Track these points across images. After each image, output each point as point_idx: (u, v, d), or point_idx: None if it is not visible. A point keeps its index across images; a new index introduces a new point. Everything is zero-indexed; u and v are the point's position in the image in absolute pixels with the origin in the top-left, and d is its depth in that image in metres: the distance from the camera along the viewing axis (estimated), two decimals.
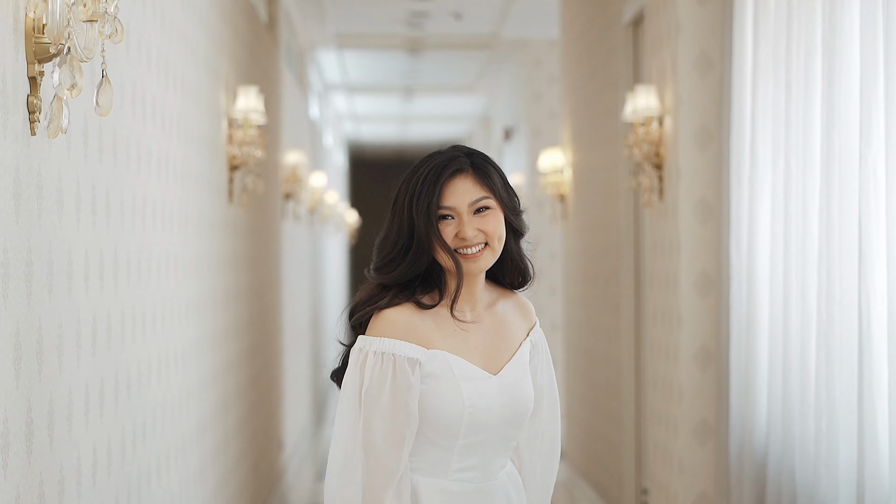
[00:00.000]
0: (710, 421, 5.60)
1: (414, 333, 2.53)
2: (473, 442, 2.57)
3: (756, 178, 5.01)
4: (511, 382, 2.63)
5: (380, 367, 2.49)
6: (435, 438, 2.55)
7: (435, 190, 2.53)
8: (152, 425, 4.10)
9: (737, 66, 5.21)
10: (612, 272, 7.45)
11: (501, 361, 2.65)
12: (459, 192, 2.55)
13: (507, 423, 2.61)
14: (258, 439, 7.41)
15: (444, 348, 2.56)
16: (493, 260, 2.60)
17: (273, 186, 8.47)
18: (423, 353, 2.53)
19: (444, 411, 2.53)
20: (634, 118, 5.99)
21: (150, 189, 4.05)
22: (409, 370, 2.50)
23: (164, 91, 4.33)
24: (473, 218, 2.56)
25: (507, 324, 2.71)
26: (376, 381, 2.49)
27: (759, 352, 5.00)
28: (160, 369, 4.23)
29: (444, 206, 2.55)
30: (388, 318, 2.54)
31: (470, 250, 2.56)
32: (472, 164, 2.59)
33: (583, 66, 8.42)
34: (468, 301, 2.63)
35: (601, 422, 7.90)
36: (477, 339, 2.63)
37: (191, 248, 4.85)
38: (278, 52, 9.10)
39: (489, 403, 2.57)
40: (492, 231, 2.57)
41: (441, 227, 2.56)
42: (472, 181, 2.57)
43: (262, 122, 6.01)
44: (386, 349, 2.50)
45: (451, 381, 2.54)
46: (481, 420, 2.56)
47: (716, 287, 5.56)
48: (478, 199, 2.56)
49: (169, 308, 4.42)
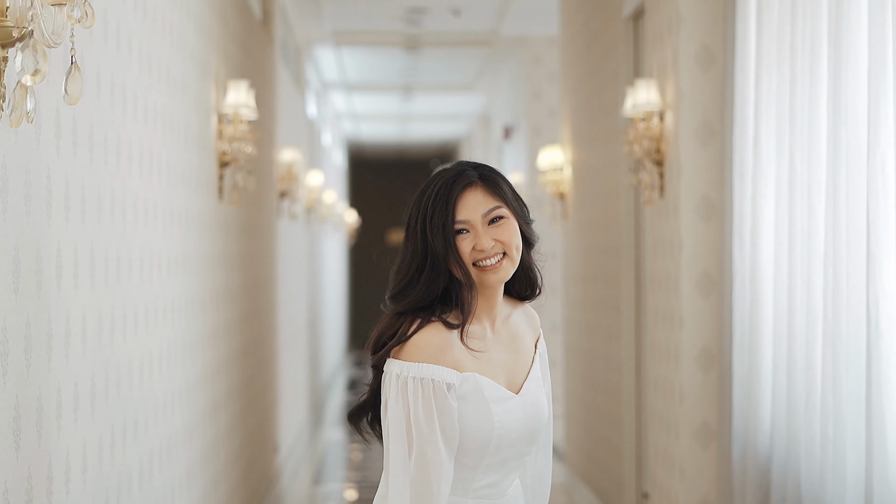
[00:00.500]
0: (712, 424, 5.46)
1: (447, 356, 2.51)
2: (497, 461, 2.57)
3: (759, 174, 4.88)
4: (531, 400, 2.63)
5: (421, 393, 2.47)
6: (462, 459, 2.53)
7: (448, 206, 2.52)
8: (133, 428, 3.95)
9: (739, 60, 5.08)
10: (612, 271, 7.32)
11: (520, 378, 2.64)
12: (472, 205, 2.54)
13: (527, 440, 2.62)
14: (251, 442, 7.27)
15: (473, 369, 2.54)
16: (512, 269, 2.59)
17: (267, 184, 8.33)
18: (457, 376, 2.51)
19: (474, 434, 2.52)
20: (635, 113, 5.86)
21: (131, 184, 3.90)
22: (447, 393, 2.48)
23: (147, 83, 4.19)
24: (489, 229, 2.55)
25: (521, 337, 2.70)
26: (423, 409, 2.47)
27: (763, 353, 4.88)
28: (143, 370, 4.09)
29: (459, 221, 2.54)
30: (420, 341, 2.50)
31: (489, 261, 2.54)
32: (481, 175, 2.57)
33: (583, 63, 8.29)
34: (488, 316, 2.61)
35: (601, 424, 7.77)
36: (499, 357, 2.61)
37: (177, 246, 4.71)
38: (273, 48, 8.97)
39: (514, 423, 2.57)
40: (508, 240, 2.56)
41: (458, 243, 2.54)
42: (483, 192, 2.55)
43: (253, 117, 5.86)
44: (425, 375, 2.48)
45: (480, 403, 2.53)
46: (507, 439, 2.56)
47: (718, 287, 5.43)
48: (491, 209, 2.55)
49: (154, 307, 4.28)
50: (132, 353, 3.93)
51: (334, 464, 10.77)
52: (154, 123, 4.28)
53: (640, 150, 5.84)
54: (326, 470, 10.36)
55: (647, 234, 6.49)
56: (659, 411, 5.99)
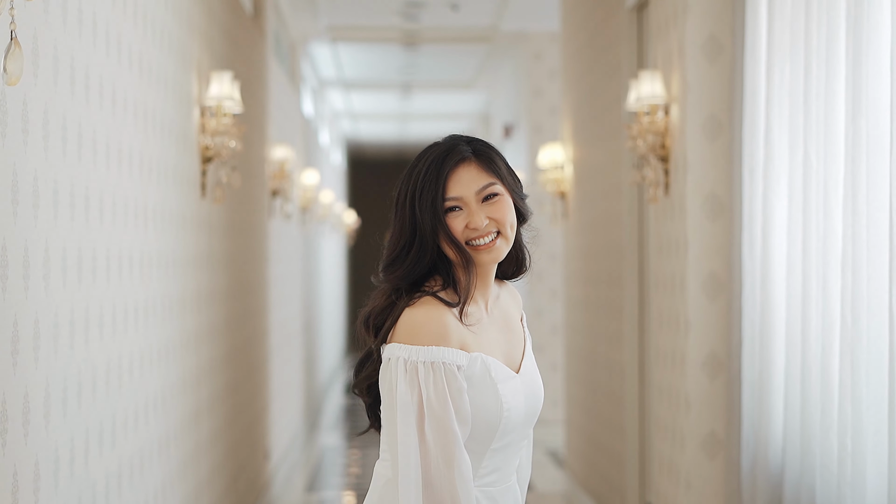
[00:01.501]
0: (719, 433, 5.19)
1: (453, 336, 2.40)
2: (503, 445, 2.47)
3: (771, 170, 4.61)
4: (530, 379, 2.54)
5: (433, 378, 2.36)
6: (469, 445, 2.42)
7: (439, 182, 2.42)
8: (98, 441, 3.67)
9: (749, 49, 4.81)
10: (614, 273, 7.04)
11: (518, 357, 2.55)
12: (465, 181, 2.43)
13: (528, 421, 2.53)
14: (239, 449, 6.99)
15: (477, 349, 2.44)
16: (507, 249, 2.49)
17: (258, 182, 8.06)
18: (466, 356, 2.41)
19: (484, 416, 2.42)
20: (638, 107, 5.58)
21: (95, 177, 3.62)
22: (459, 377, 2.38)
23: (116, 70, 3.90)
24: (482, 206, 2.44)
25: (511, 316, 2.61)
26: (438, 394, 2.35)
27: (774, 360, 4.61)
28: (110, 378, 3.81)
29: (451, 198, 2.43)
30: (425, 322, 2.39)
31: (482, 240, 2.44)
32: (475, 150, 2.47)
33: (584, 57, 8.01)
34: (483, 296, 2.52)
35: (602, 431, 7.49)
36: (496, 337, 2.52)
37: (151, 245, 4.43)
38: (265, 42, 8.70)
39: (519, 403, 2.47)
40: (502, 218, 2.45)
41: (449, 221, 2.43)
42: (477, 168, 2.45)
43: (238, 110, 5.58)
44: (435, 358, 2.37)
45: (488, 384, 2.42)
46: (513, 421, 2.46)
47: (726, 289, 5.16)
48: (485, 185, 2.44)
49: (123, 310, 4.00)
50: (97, 360, 3.65)
51: (330, 470, 10.49)
52: (124, 114, 4.00)
53: (644, 145, 5.56)
54: (322, 476, 10.07)
55: (651, 234, 6.22)
56: (663, 419, 5.71)
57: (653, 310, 6.04)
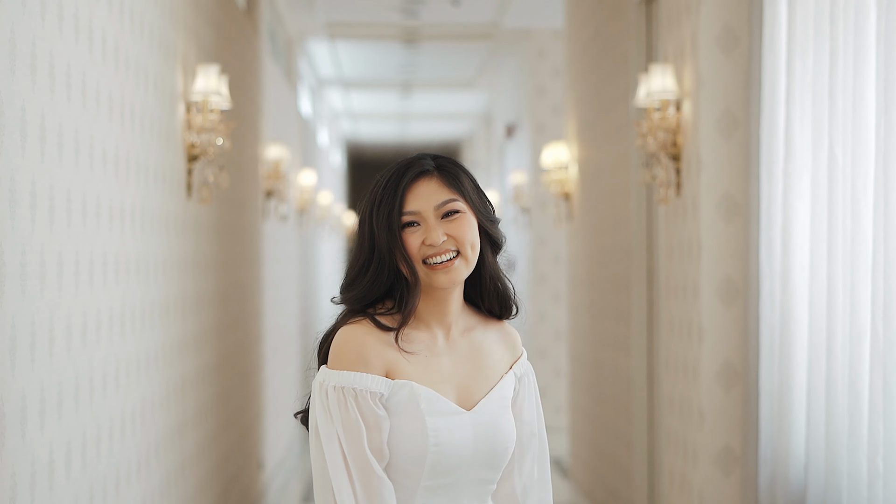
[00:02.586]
0: (735, 448, 4.90)
1: (376, 361, 2.27)
2: (440, 484, 2.30)
3: (792, 168, 4.32)
4: (487, 420, 2.34)
5: (346, 404, 2.24)
6: (397, 478, 2.28)
7: (396, 195, 2.29)
8: (65, 462, 3.37)
9: (768, 39, 4.52)
10: (621, 277, 6.74)
11: (478, 395, 2.36)
12: (424, 195, 2.30)
13: (482, 464, 2.33)
14: (230, 460, 6.70)
15: (411, 377, 2.29)
16: (466, 271, 2.32)
17: (251, 183, 7.77)
18: (387, 384, 2.27)
19: (405, 449, 2.26)
20: (648, 102, 5.28)
21: (61, 176, 3.32)
22: (373, 405, 2.25)
23: (87, 59, 3.61)
24: (441, 223, 2.30)
25: (487, 353, 2.41)
26: (350, 422, 2.24)
27: (796, 371, 4.32)
28: (79, 394, 3.51)
29: (408, 212, 2.30)
30: (343, 344, 2.27)
31: (439, 258, 2.29)
32: (438, 166, 2.35)
33: (590, 52, 7.72)
34: (440, 323, 2.36)
35: (609, 441, 7.19)
36: (450, 369, 2.35)
37: (130, 248, 4.14)
38: (258, 38, 8.40)
39: (460, 441, 2.29)
40: (462, 236, 2.30)
41: (406, 236, 2.29)
42: (438, 183, 2.32)
43: (226, 106, 5.28)
44: (346, 383, 2.25)
45: (415, 414, 2.27)
46: (449, 460, 2.28)
47: (742, 295, 4.86)
48: (445, 201, 2.30)
49: (96, 318, 3.70)
50: (65, 374, 3.35)
51: None
52: (96, 107, 3.71)
53: (654, 143, 5.27)
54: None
55: (661, 236, 5.92)
56: (674, 432, 5.42)
57: (663, 316, 5.74)
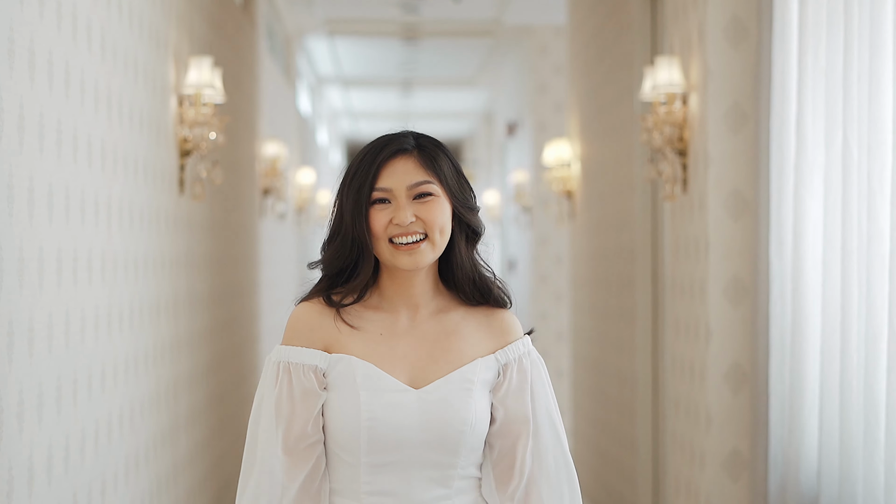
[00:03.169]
0: (743, 452, 4.75)
1: (317, 334, 2.28)
2: (384, 462, 2.26)
3: (803, 163, 4.17)
4: (437, 399, 2.27)
5: (280, 378, 2.27)
6: (339, 453, 2.28)
7: (370, 170, 2.26)
8: (47, 468, 3.22)
9: (778, 29, 4.37)
10: (625, 276, 6.59)
11: (434, 376, 2.30)
12: (399, 173, 2.27)
13: (431, 445, 2.26)
14: (224, 463, 6.55)
15: (353, 352, 2.28)
16: (432, 255, 2.28)
17: (248, 180, 7.62)
18: (324, 357, 2.27)
19: (340, 424, 2.25)
20: (654, 96, 5.13)
21: (42, 168, 3.17)
22: (309, 378, 2.26)
23: (70, 46, 3.46)
24: (412, 203, 2.27)
25: (458, 336, 2.33)
26: (284, 395, 2.26)
27: (807, 373, 4.17)
28: (61, 396, 3.36)
29: (380, 188, 2.26)
30: (289, 321, 2.32)
31: (404, 239, 2.26)
32: (419, 145, 2.30)
33: (593, 47, 7.57)
34: (406, 304, 2.33)
35: (612, 444, 7.04)
36: (407, 349, 2.31)
37: (116, 245, 3.99)
38: (256, 33, 8.26)
39: (400, 420, 2.25)
40: (431, 219, 2.26)
41: (374, 212, 2.26)
42: (415, 163, 2.28)
43: (220, 99, 5.14)
44: (285, 357, 2.27)
45: (351, 390, 2.26)
46: (388, 438, 2.24)
47: (751, 294, 4.71)
48: (418, 182, 2.26)
49: (80, 318, 3.55)
50: (45, 377, 3.21)
51: None
52: (81, 97, 3.56)
53: (660, 138, 5.12)
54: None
55: (666, 235, 5.77)
56: (680, 435, 5.27)
57: (668, 316, 5.59)
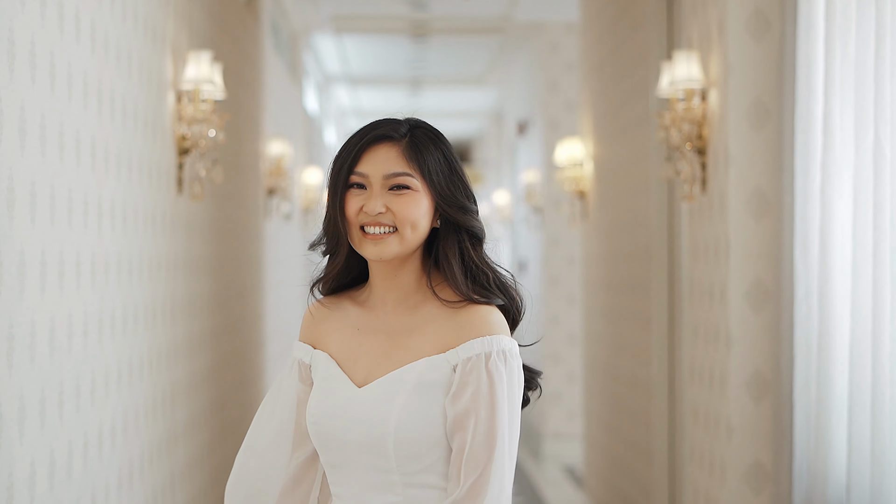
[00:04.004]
0: (766, 464, 4.54)
1: (307, 329, 2.30)
2: (334, 463, 2.19)
3: (831, 161, 3.96)
4: (369, 399, 2.16)
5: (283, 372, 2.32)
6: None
7: (352, 152, 2.16)
8: (29, 486, 3.03)
9: (803, 21, 4.16)
10: (640, 279, 6.38)
11: (380, 373, 2.19)
12: (378, 161, 2.16)
13: (366, 448, 2.15)
14: (226, 472, 6.35)
15: (331, 349, 2.24)
16: (399, 250, 2.16)
17: (252, 180, 7.42)
18: (308, 353, 2.28)
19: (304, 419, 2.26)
20: (672, 92, 4.92)
21: (23, 166, 2.97)
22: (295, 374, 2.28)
23: (56, 36, 3.26)
24: (386, 194, 2.16)
25: (421, 332, 2.19)
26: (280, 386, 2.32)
27: (835, 381, 3.96)
28: (45, 408, 3.17)
29: (357, 172, 2.16)
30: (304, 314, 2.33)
31: (372, 229, 2.16)
32: (411, 135, 2.17)
33: (607, 43, 7.36)
34: (388, 297, 2.22)
35: (626, 452, 6.83)
36: (371, 345, 2.22)
37: (108, 247, 3.79)
38: (260, 30, 8.06)
39: (340, 420, 2.17)
40: (402, 214, 2.14)
41: (350, 197, 2.17)
42: (398, 153, 2.16)
43: (220, 96, 4.94)
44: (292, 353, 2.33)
45: (314, 387, 2.24)
46: (329, 437, 2.18)
47: (774, 299, 4.50)
48: (395, 173, 2.15)
49: (65, 325, 3.35)
50: (28, 388, 3.01)
51: None
52: (68, 90, 3.36)
53: (677, 135, 4.91)
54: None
55: (684, 236, 5.57)
56: (699, 445, 5.06)
57: (685, 321, 5.39)
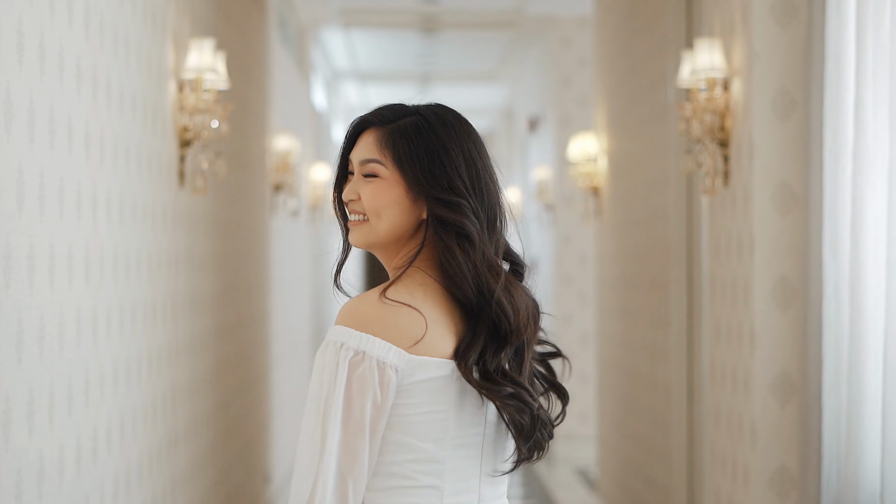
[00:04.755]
0: (792, 469, 4.35)
1: None
2: None
3: (863, 152, 3.77)
4: None
5: None
6: None
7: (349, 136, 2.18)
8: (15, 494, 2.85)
9: (833, 6, 3.97)
10: (658, 277, 6.19)
11: None
12: (360, 147, 2.16)
13: None
14: (231, 473, 6.18)
15: None
16: (370, 237, 2.17)
17: (257, 175, 7.25)
18: None
19: None
20: (693, 82, 4.73)
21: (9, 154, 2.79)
22: None
23: (47, 19, 3.08)
24: (361, 181, 2.15)
25: None
26: None
27: (867, 383, 3.77)
28: (33, 411, 2.99)
29: (349, 159, 2.18)
30: None
31: (351, 216, 2.19)
32: (399, 123, 2.13)
33: (622, 35, 7.17)
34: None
35: (642, 455, 6.64)
36: None
37: (103, 242, 3.61)
38: (266, 23, 7.88)
39: None
40: (368, 201, 2.13)
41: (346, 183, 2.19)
42: (374, 139, 2.13)
43: (224, 85, 4.76)
44: None
45: None
46: None
47: (801, 297, 4.32)
48: (366, 159, 2.13)
49: (56, 324, 3.18)
50: (14, 389, 2.83)
51: None
52: (59, 74, 3.18)
53: (699, 127, 4.72)
54: None
55: (704, 231, 5.38)
56: (721, 449, 4.87)
57: (706, 320, 5.20)
